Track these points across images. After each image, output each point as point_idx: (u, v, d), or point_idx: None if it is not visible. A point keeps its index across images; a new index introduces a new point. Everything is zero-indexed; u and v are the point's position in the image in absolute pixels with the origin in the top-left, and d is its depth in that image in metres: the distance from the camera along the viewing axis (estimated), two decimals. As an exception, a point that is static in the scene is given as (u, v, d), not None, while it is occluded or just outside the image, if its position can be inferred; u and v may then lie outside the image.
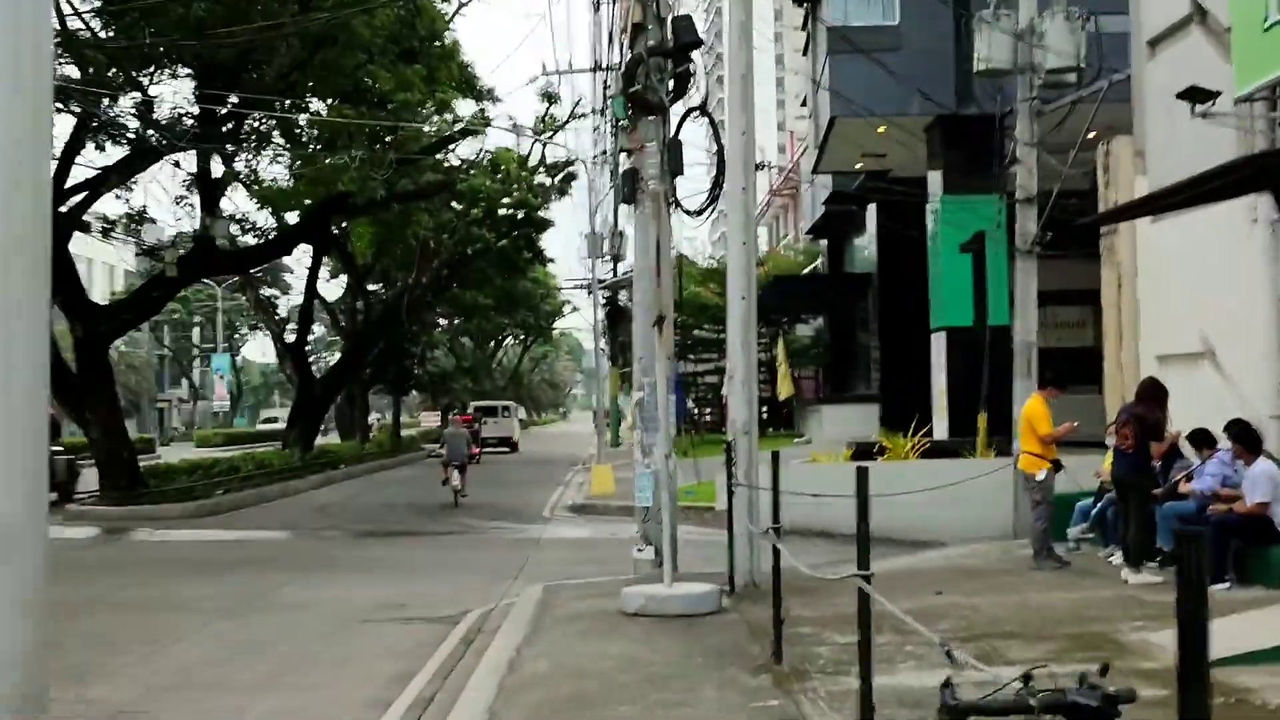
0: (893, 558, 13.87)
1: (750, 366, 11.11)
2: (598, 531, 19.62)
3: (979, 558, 13.30)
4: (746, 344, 11.06)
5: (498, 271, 47.23)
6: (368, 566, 15.45)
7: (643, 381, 12.70)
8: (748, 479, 10.92)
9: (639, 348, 12.90)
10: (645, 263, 12.68)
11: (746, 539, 10.90)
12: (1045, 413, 11.60)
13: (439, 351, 59.56)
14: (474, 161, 36.86)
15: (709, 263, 52.32)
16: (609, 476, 24.67)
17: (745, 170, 11.13)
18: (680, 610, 9.59)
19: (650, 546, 12.56)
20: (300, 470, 30.16)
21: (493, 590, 12.95)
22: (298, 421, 33.32)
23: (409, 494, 28.00)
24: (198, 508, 22.35)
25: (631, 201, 12.89)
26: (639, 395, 12.78)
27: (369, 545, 18.16)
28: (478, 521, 21.46)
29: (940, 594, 10.20)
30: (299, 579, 14.18)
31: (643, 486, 12.63)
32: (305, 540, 19.12)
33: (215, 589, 13.34)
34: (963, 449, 20.37)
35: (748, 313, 11.09)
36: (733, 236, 11.20)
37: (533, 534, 19.20)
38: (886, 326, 32.68)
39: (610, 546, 17.53)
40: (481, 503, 25.33)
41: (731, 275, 11.30)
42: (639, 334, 12.95)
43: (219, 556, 16.62)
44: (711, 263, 52.31)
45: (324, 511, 23.56)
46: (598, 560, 15.49)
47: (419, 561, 15.95)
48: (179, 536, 19.59)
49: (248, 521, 21.65)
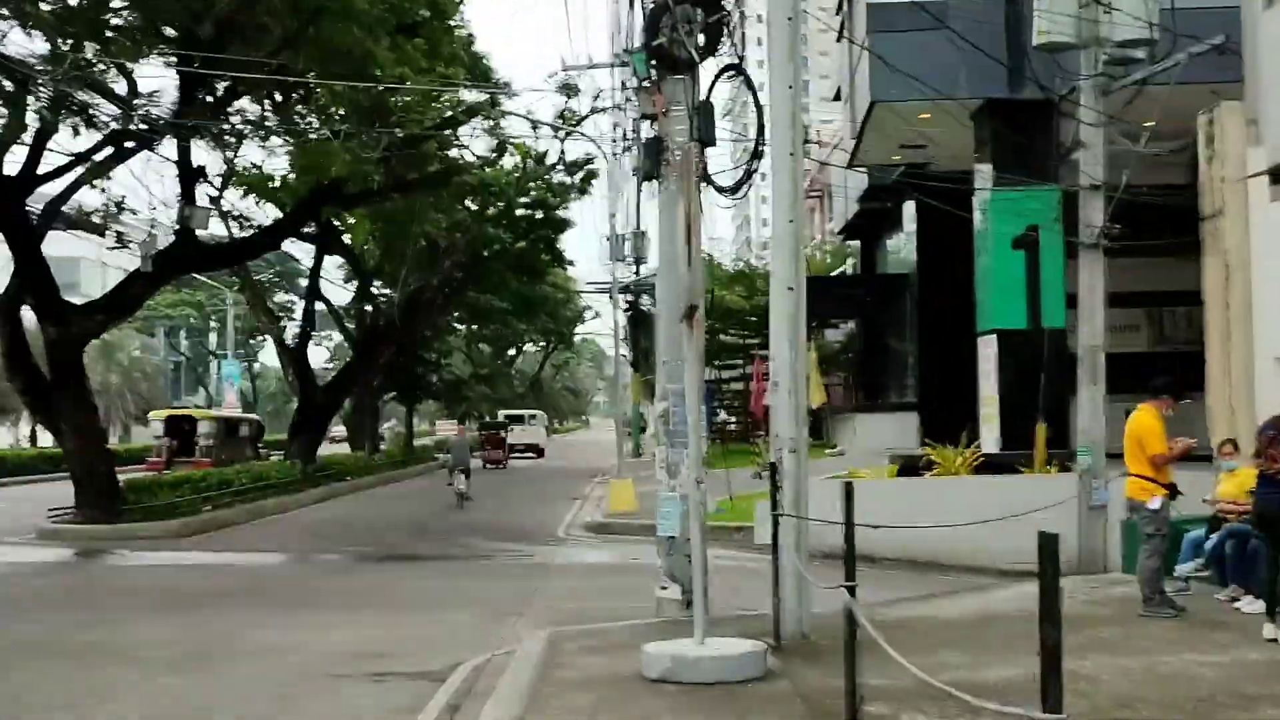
0: (958, 596, 11.89)
1: (798, 371, 9.16)
2: (616, 555, 17.69)
3: (1065, 598, 11.23)
4: (794, 343, 9.11)
5: (515, 275, 45.45)
6: (352, 600, 13.54)
7: (668, 389, 10.75)
8: (796, 507, 8.97)
9: (664, 350, 10.94)
10: (671, 249, 10.75)
11: (795, 581, 8.95)
12: (1159, 428, 9.57)
13: (455, 358, 57.76)
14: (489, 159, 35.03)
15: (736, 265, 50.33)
16: (630, 492, 22.74)
17: (792, 132, 9.19)
18: (715, 677, 7.62)
19: (675, 584, 10.61)
20: (300, 483, 28.31)
21: (491, 633, 11.03)
22: (299, 432, 31.47)
23: (414, 510, 26.11)
24: (181, 526, 20.50)
25: (655, 176, 10.95)
26: (663, 405, 10.84)
27: (359, 572, 16.27)
28: (484, 543, 19.55)
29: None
30: (271, 617, 12.28)
31: (667, 513, 10.68)
32: (290, 566, 17.26)
33: (173, 630, 11.46)
34: (1019, 464, 18.48)
35: (795, 306, 9.14)
36: (778, 212, 9.25)
37: (543, 558, 17.29)
38: (926, 330, 30.65)
39: (630, 574, 15.59)
40: (491, 520, 23.46)
41: (776, 260, 9.36)
42: (663, 334, 11.00)
43: (190, 586, 14.75)
44: (739, 265, 50.36)
45: (318, 531, 21.68)
46: (615, 593, 13.56)
47: (411, 593, 14.04)
48: (155, 560, 17.73)
49: (234, 542, 19.79)
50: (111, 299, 19.94)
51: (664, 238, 10.92)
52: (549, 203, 41.92)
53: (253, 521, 23.12)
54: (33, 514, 21.40)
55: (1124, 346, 25.44)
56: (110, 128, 18.23)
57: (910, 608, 10.77)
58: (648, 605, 11.37)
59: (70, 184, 20.27)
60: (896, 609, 10.60)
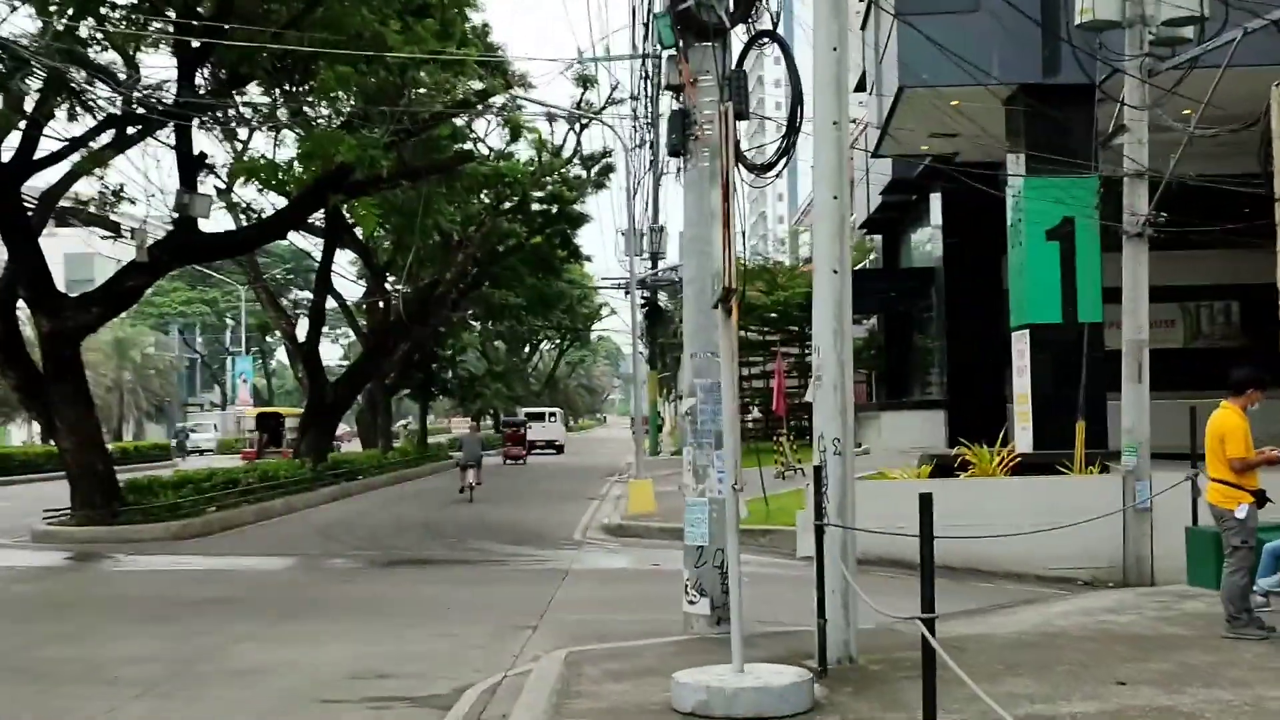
0: (1013, 611, 10.90)
1: (844, 364, 8.20)
2: (636, 560, 16.78)
3: (1132, 613, 10.28)
4: (839, 332, 8.16)
5: (530, 270, 44.60)
6: (354, 610, 12.63)
7: (695, 384, 9.84)
8: (842, 516, 8.03)
9: (690, 341, 10.01)
10: (698, 231, 9.83)
11: (842, 599, 8.01)
12: (1242, 428, 8.56)
13: (469, 355, 56.91)
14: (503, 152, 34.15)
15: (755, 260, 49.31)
16: (649, 493, 21.81)
17: (837, 97, 8.23)
18: (756, 711, 6.68)
19: (704, 598, 9.68)
20: (310, 482, 27.46)
21: (504, 650, 10.13)
22: (309, 429, 30.61)
23: (426, 510, 25.21)
24: (182, 528, 19.65)
25: (681, 152, 10.05)
26: (690, 402, 9.91)
27: (364, 578, 15.37)
28: (497, 546, 18.65)
29: (1124, 685, 7.24)
30: (265, 629, 11.39)
31: (695, 520, 9.76)
32: (291, 571, 16.37)
33: (155, 645, 10.57)
34: (1059, 464, 17.52)
35: (840, 291, 8.19)
36: (820, 188, 8.30)
37: (560, 563, 16.35)
38: (954, 325, 29.65)
39: (651, 581, 14.67)
40: (505, 521, 22.56)
41: (819, 240, 8.41)
42: (691, 324, 10.08)
43: (182, 593, 13.86)
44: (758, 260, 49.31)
45: (325, 532, 20.80)
46: (637, 603, 12.65)
47: (419, 602, 13.12)
48: (151, 565, 16.87)
49: (236, 544, 18.93)
50: (107, 291, 19.07)
51: (690, 219, 10.00)
52: (565, 197, 41.04)
53: (259, 523, 22.27)
54: (34, 514, 20.60)
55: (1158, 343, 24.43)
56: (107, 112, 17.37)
57: (962, 624, 9.82)
58: (672, 618, 10.48)
59: (68, 173, 19.45)
60: (948, 624, 9.60)
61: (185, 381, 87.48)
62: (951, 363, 29.81)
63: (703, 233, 9.72)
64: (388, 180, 19.87)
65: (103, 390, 64.68)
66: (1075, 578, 15.09)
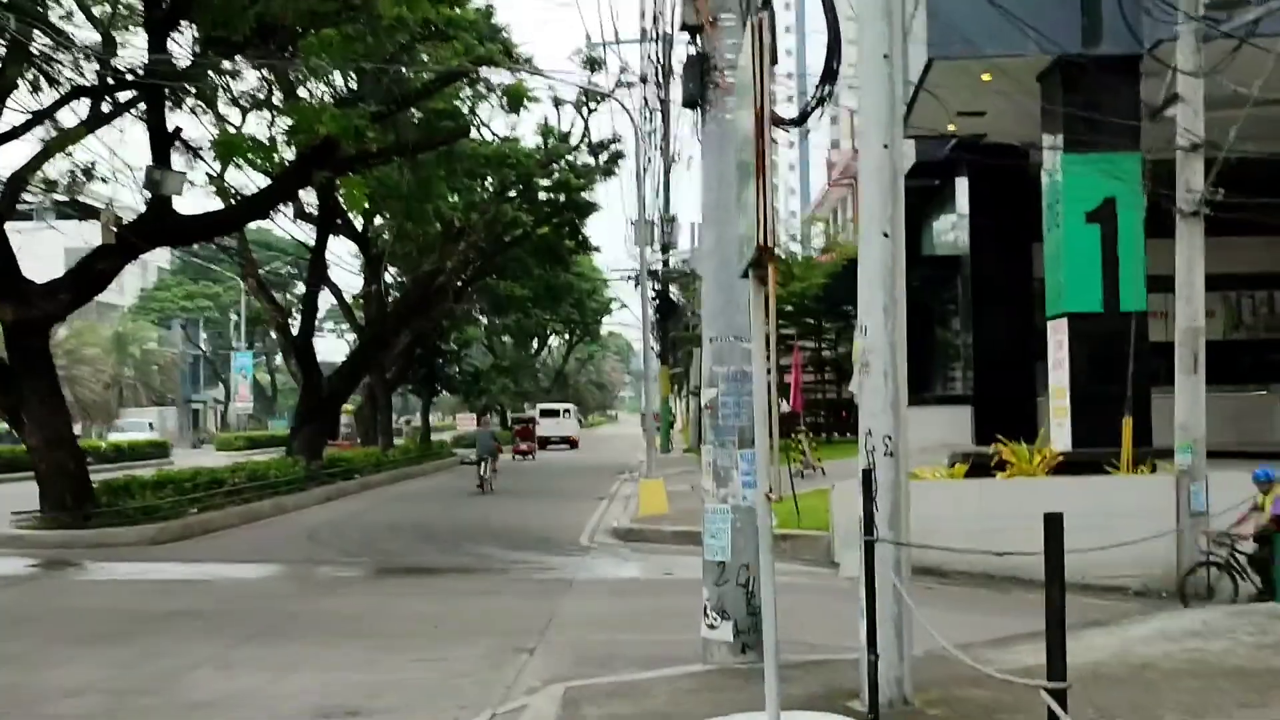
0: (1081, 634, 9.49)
1: (896, 346, 6.84)
2: (648, 568, 15.42)
3: (1224, 638, 8.86)
4: (890, 308, 6.79)
5: (537, 261, 43.25)
6: (333, 628, 11.28)
7: (715, 373, 8.46)
8: (895, 529, 6.66)
9: (710, 323, 8.63)
10: (720, 195, 8.45)
11: (895, 628, 6.65)
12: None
13: (475, 349, 55.55)
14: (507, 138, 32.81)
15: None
16: (661, 493, 20.47)
17: (887, 26, 6.85)
18: (799, 781, 5.33)
19: (726, 622, 8.30)
20: (303, 482, 26.11)
21: (495, 677, 8.82)
22: (303, 425, 29.26)
23: (426, 511, 23.86)
24: (159, 531, 18.31)
25: (698, 103, 8.66)
26: (710, 393, 8.53)
27: (349, 589, 14.00)
28: (498, 552, 17.29)
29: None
30: (228, 651, 10.05)
31: (715, 531, 8.38)
32: (269, 581, 14.99)
33: (102, 671, 9.24)
34: (1106, 463, 16.23)
35: (892, 259, 6.83)
36: (868, 135, 6.92)
37: (565, 571, 15.00)
38: (981, 316, 28.20)
39: (664, 592, 13.32)
40: (508, 522, 21.22)
41: (866, 199, 7.02)
42: (710, 303, 8.69)
43: (146, 607, 12.51)
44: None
45: (315, 536, 19.45)
46: (649, 620, 11.31)
47: (406, 618, 11.77)
48: (119, 573, 15.55)
49: (214, 550, 17.58)
50: (76, 276, 17.69)
51: (709, 182, 8.62)
52: (573, 185, 39.68)
53: (244, 525, 20.92)
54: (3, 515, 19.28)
55: (1196, 334, 23.19)
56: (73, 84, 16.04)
57: (1028, 650, 8.42)
58: (687, 638, 9.15)
59: (39, 153, 18.14)
60: (1013, 651, 8.24)
61: (188, 378, 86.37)
62: (978, 356, 28.39)
63: (724, 197, 8.34)
64: (378, 156, 18.49)
65: (101, 387, 63.64)
66: (1125, 586, 13.95)
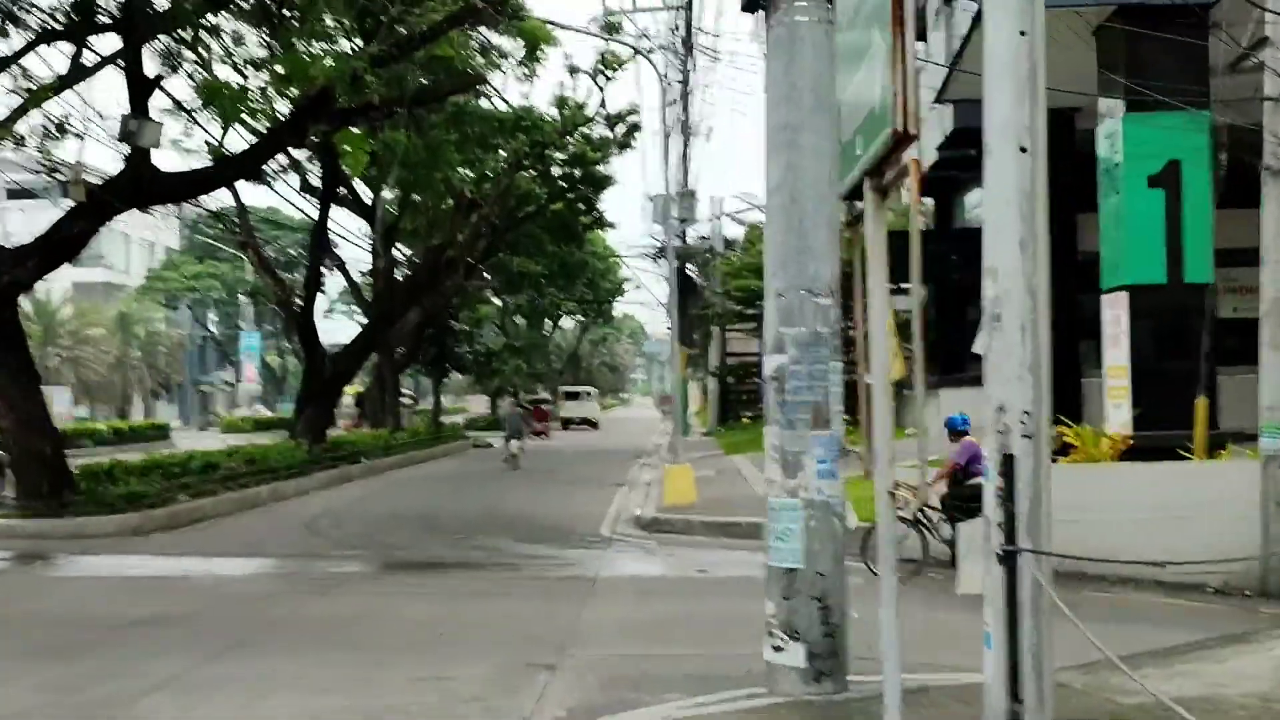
0: (1215, 652, 7.92)
1: (1036, 293, 5.20)
2: (677, 565, 13.84)
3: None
4: (1029, 243, 5.14)
5: (551, 238, 41.70)
6: (322, 636, 9.73)
7: (783, 336, 6.85)
8: (1035, 534, 5.06)
9: (776, 274, 6.98)
10: (789, 117, 6.82)
11: (1033, 662, 5.03)
12: None
13: (487, 329, 53.94)
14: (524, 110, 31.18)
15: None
16: (688, 480, 18.86)
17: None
18: None
19: (797, 643, 6.71)
20: (305, 466, 24.62)
21: (509, 704, 7.32)
22: (306, 407, 27.72)
23: (433, 498, 22.34)
24: (143, 520, 16.81)
25: (759, 5, 7.05)
26: (776, 362, 6.92)
27: (345, 588, 12.41)
28: (511, 545, 15.74)
29: None
30: (196, 668, 8.52)
31: (783, 532, 6.80)
32: (256, 579, 13.41)
33: (37, 695, 7.72)
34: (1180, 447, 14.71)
35: (1029, 180, 5.18)
36: (997, 18, 5.25)
37: (585, 568, 13.45)
38: (1024, 291, 26.45)
39: (699, 594, 11.76)
40: (522, 510, 19.70)
41: (995, 105, 5.34)
42: (776, 251, 7.03)
43: (113, 611, 10.98)
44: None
45: (313, 525, 17.93)
46: (684, 627, 9.78)
47: (406, 623, 10.23)
48: (91, 568, 14.05)
49: (201, 541, 16.06)
50: (45, 241, 16.10)
51: (774, 100, 6.97)
52: (588, 157, 38.09)
53: (238, 514, 19.41)
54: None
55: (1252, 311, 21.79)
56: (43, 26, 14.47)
57: (1158, 672, 6.88)
58: (736, 653, 7.70)
59: (18, 108, 16.60)
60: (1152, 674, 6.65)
61: (197, 360, 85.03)
62: (1019, 334, 26.74)
63: (794, 117, 6.73)
64: (380, 109, 16.89)
65: (106, 369, 62.24)
66: (1204, 584, 12.47)
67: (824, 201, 6.76)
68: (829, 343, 6.72)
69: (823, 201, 6.76)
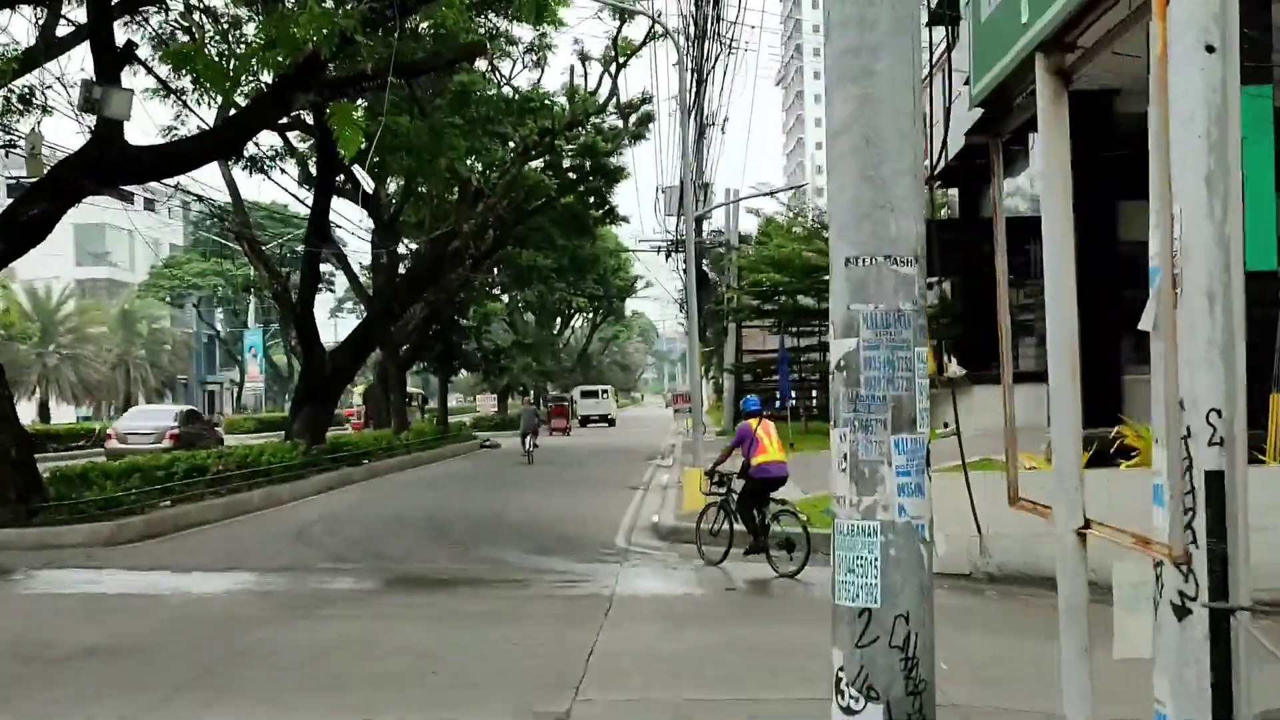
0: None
1: (1229, 243, 3.80)
2: (702, 582, 12.40)
3: None
4: (1216, 182, 3.73)
5: (561, 231, 40.34)
6: (294, 675, 8.33)
7: (855, 315, 5.39)
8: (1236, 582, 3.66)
9: (846, 234, 5.44)
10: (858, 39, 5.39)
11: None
12: None
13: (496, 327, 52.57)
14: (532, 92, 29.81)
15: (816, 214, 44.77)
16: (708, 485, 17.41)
17: None
18: None
19: (875, 704, 5.25)
20: (302, 469, 23.28)
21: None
22: (303, 406, 26.33)
23: (437, 503, 20.97)
24: (116, 530, 15.46)
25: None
26: (845, 348, 5.47)
27: (328, 610, 10.93)
28: (519, 557, 14.33)
29: None
30: (141, 714, 7.16)
31: (856, 562, 5.27)
32: (232, 597, 11.93)
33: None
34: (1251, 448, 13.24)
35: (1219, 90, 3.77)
36: None
37: (599, 584, 12.03)
38: (1064, 283, 25.12)
39: (731, 618, 10.35)
40: (531, 516, 18.33)
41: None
42: (845, 206, 5.48)
43: (59, 637, 9.60)
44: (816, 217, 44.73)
45: (304, 534, 16.54)
46: (720, 663, 8.36)
47: (394, 658, 8.81)
48: (51, 584, 12.66)
49: (179, 553, 14.66)
50: (5, 224, 14.71)
51: (839, 21, 5.53)
52: (600, 148, 36.72)
53: (225, 521, 18.06)
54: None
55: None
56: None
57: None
58: (790, 698, 6.34)
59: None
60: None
61: (202, 358, 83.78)
62: (1055, 328, 25.41)
63: (868, 38, 5.29)
64: (373, 78, 15.45)
65: (107, 367, 60.94)
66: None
67: (907, 141, 5.33)
68: (913, 322, 5.28)
69: (905, 141, 5.32)
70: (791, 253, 36.63)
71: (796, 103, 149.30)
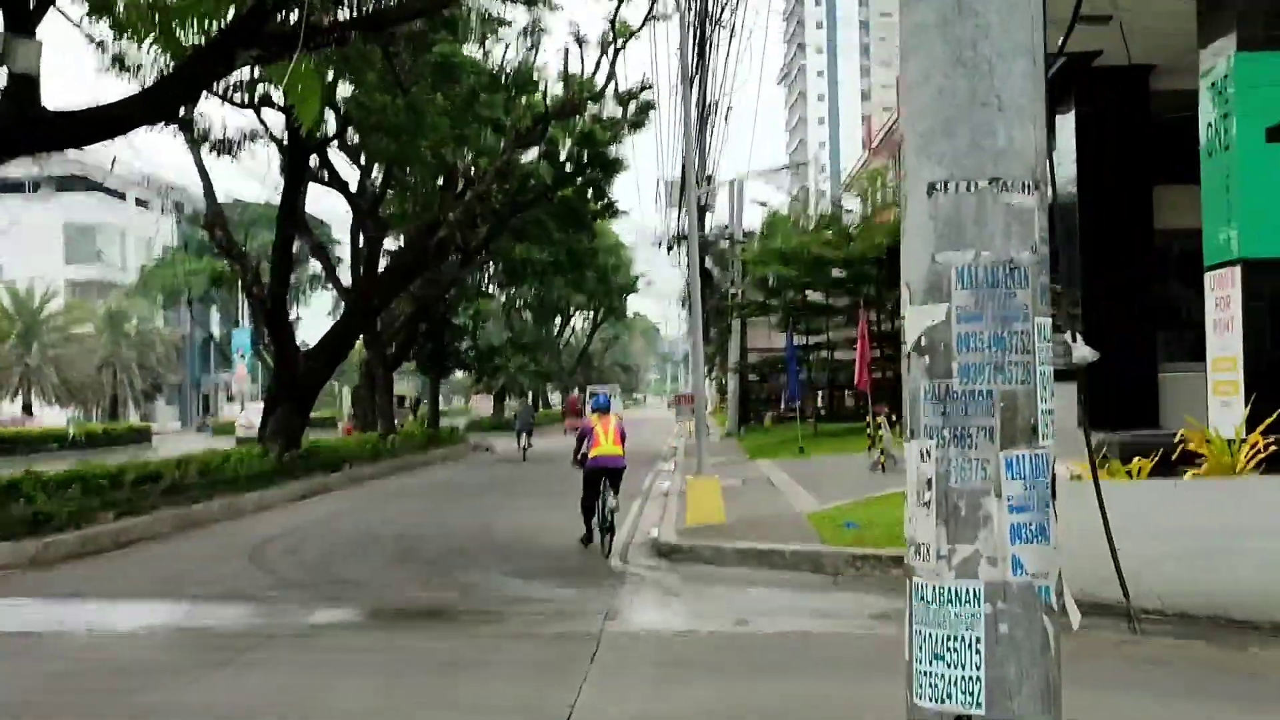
0: None
1: None
2: (708, 612, 10.54)
3: None
4: None
5: (558, 225, 38.60)
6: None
7: (942, 269, 3.57)
8: None
9: (927, 149, 3.66)
10: None
11: None
12: None
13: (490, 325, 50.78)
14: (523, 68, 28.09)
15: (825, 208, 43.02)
16: (714, 496, 15.64)
17: None
18: None
19: None
20: (272, 476, 21.48)
21: None
22: (276, 408, 24.51)
23: (417, 514, 19.15)
24: (43, 548, 13.66)
25: None
26: (932, 317, 3.65)
27: (258, 655, 8.98)
28: (494, 580, 12.46)
29: None
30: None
31: (946, 642, 3.48)
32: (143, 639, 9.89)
33: None
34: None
35: None
36: None
37: (587, 616, 10.16)
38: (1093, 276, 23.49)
39: (743, 666, 8.46)
40: (516, 529, 16.58)
41: None
42: (925, 103, 3.73)
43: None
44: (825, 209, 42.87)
45: (257, 554, 14.67)
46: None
47: None
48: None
49: (104, 578, 12.80)
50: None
51: None
52: (598, 138, 34.95)
53: (177, 535, 16.25)
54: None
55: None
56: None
57: None
58: None
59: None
60: None
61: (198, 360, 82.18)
62: (1087, 322, 23.78)
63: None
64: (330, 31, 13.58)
65: (94, 368, 59.30)
66: None
67: (1018, 9, 3.54)
68: (1033, 279, 3.45)
69: (1016, 9, 3.54)
70: (799, 245, 34.95)
71: (799, 103, 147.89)
